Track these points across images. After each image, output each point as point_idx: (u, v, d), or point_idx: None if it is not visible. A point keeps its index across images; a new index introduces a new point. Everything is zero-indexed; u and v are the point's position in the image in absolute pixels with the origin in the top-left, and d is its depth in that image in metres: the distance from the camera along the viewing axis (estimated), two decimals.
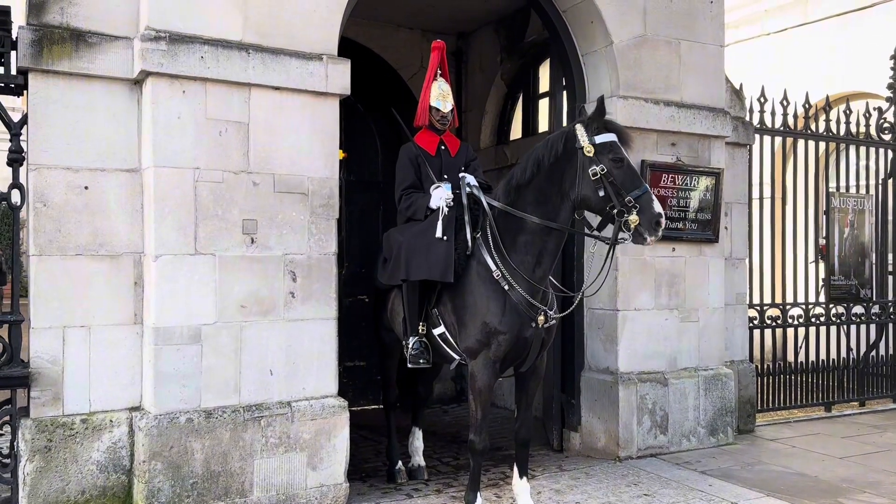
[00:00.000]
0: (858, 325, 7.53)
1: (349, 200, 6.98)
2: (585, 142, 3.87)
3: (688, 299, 5.71)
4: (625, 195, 3.78)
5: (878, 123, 7.66)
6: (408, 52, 7.38)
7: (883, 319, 7.68)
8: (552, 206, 4.02)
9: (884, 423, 6.82)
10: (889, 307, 7.73)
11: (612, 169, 3.82)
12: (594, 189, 3.84)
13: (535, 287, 4.07)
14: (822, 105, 7.39)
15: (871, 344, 7.63)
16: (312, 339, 4.35)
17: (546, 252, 4.07)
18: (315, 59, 4.32)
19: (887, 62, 7.81)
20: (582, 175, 3.88)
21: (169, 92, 4.01)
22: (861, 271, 7.48)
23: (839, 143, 7.46)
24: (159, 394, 3.99)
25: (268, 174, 4.24)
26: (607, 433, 5.46)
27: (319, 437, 4.30)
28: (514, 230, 4.10)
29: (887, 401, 7.66)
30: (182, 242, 4.03)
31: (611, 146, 3.86)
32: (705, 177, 5.76)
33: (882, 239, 7.66)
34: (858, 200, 7.53)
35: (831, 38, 10.19)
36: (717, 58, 5.88)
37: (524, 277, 4.05)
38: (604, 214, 3.91)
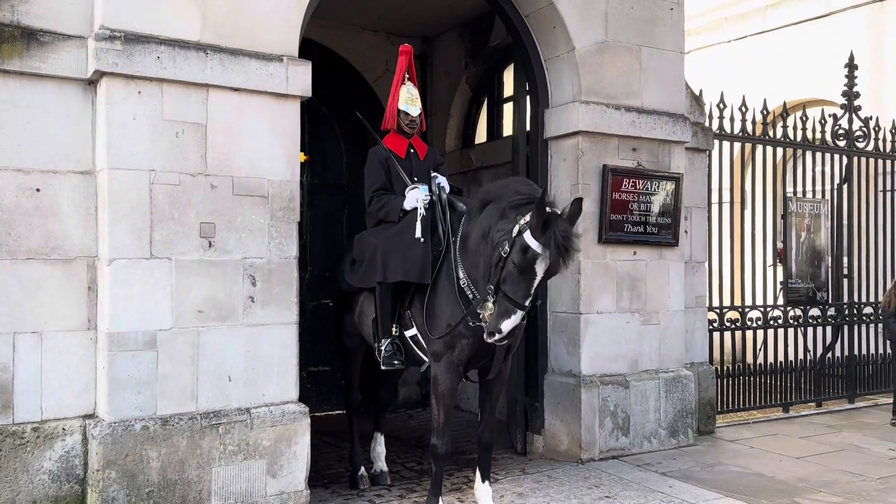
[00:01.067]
0: (815, 327, 7.66)
1: (313, 203, 6.91)
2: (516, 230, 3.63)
3: (649, 302, 5.75)
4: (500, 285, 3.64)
5: (834, 130, 7.82)
6: (373, 55, 7.34)
7: (839, 322, 7.82)
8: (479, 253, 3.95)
9: (839, 423, 6.94)
10: (844, 310, 7.87)
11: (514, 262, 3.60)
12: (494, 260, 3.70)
13: None
14: (779, 111, 7.50)
15: (828, 346, 7.77)
16: (273, 344, 4.28)
17: None
18: (275, 60, 4.25)
19: (842, 70, 7.97)
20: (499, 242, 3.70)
21: (124, 92, 3.92)
22: (817, 274, 7.60)
23: (796, 149, 7.59)
24: (114, 401, 3.88)
25: (226, 177, 4.16)
26: (570, 436, 5.46)
27: (279, 443, 4.23)
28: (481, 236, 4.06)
29: (843, 401, 7.80)
30: (137, 246, 3.93)
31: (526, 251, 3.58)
32: (666, 181, 5.80)
33: (837, 243, 7.80)
34: (815, 205, 7.66)
35: (789, 46, 10.39)
36: (678, 64, 5.93)
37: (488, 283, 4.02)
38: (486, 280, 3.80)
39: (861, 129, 7.92)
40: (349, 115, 7.06)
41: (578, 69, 5.46)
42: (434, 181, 4.37)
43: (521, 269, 3.61)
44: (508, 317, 3.62)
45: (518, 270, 3.62)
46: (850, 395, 7.83)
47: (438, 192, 4.33)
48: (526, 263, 3.60)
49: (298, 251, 4.41)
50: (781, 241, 7.49)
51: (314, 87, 4.42)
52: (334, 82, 7.05)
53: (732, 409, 7.01)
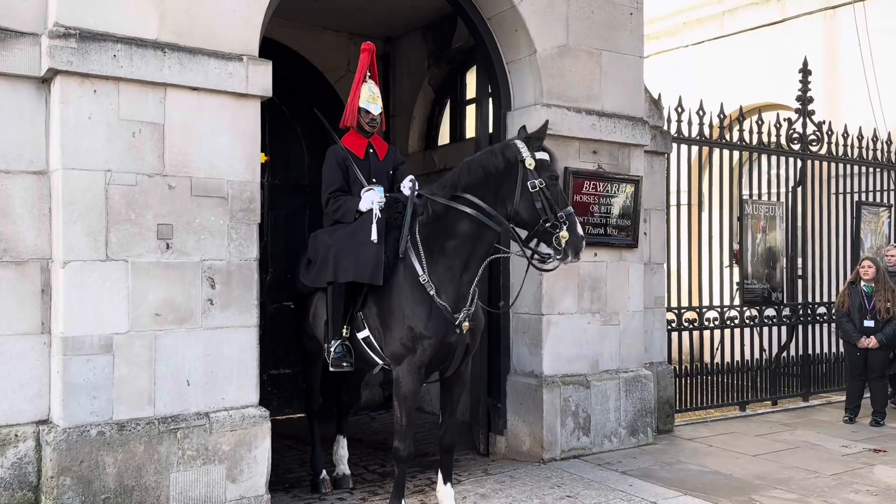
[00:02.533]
0: (771, 326, 7.83)
1: (274, 205, 6.86)
2: (527, 155, 3.99)
3: (609, 303, 5.83)
4: (558, 211, 3.93)
5: (788, 134, 8.02)
6: (334, 56, 7.32)
7: (793, 321, 8.01)
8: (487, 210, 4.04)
9: (794, 420, 7.12)
10: (799, 310, 8.07)
11: (549, 184, 3.97)
12: (531, 201, 3.96)
13: (460, 292, 4.08)
14: (736, 115, 7.66)
15: (783, 345, 7.96)
16: (232, 347, 4.24)
17: (474, 258, 4.10)
18: (235, 59, 4.22)
19: (797, 75, 8.19)
20: (521, 186, 3.98)
21: (79, 91, 3.85)
22: (773, 275, 7.78)
23: (752, 153, 7.77)
24: (68, 406, 3.81)
25: (185, 177, 4.11)
26: (532, 436, 5.51)
27: (239, 448, 4.19)
28: (444, 235, 4.10)
29: (797, 399, 8.00)
30: (92, 248, 3.87)
31: (549, 164, 4.06)
32: (626, 184, 5.89)
33: (792, 244, 8.00)
34: (770, 207, 7.84)
35: (746, 51, 10.63)
36: (637, 68, 6.03)
37: (450, 283, 4.06)
38: (534, 228, 4.01)
39: (815, 133, 8.13)
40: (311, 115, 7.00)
41: (540, 72, 5.52)
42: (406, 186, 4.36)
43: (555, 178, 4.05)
44: (577, 222, 4.00)
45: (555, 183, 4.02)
46: (805, 393, 8.04)
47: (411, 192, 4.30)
48: (555, 172, 4.08)
49: (259, 253, 4.39)
50: (738, 243, 7.63)
51: (275, 86, 4.40)
52: (296, 82, 7.01)
53: (691, 407, 7.13)
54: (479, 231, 4.06)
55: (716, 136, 7.42)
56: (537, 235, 4.02)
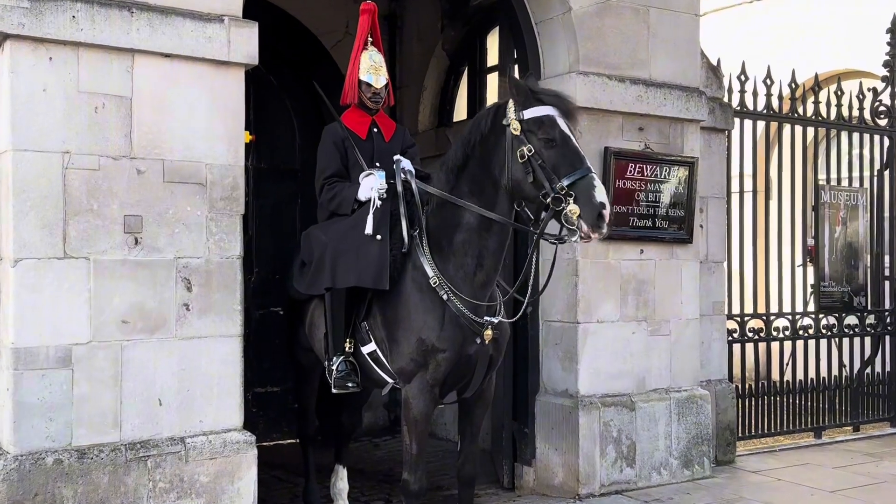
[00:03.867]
0: (852, 338, 7.76)
1: (259, 192, 6.89)
2: (512, 118, 3.84)
3: (658, 309, 5.81)
4: (556, 181, 3.69)
5: (874, 107, 7.94)
6: (331, 16, 7.32)
7: (879, 331, 7.95)
8: (487, 198, 3.99)
9: (880, 450, 7.07)
10: (886, 317, 8.01)
11: (541, 149, 3.75)
12: (524, 173, 3.80)
13: (476, 295, 4.07)
14: (810, 85, 7.60)
15: (866, 359, 7.89)
16: (212, 360, 4.27)
17: (487, 253, 4.05)
18: (214, 20, 4.24)
19: (883, 36, 8.10)
20: (511, 158, 3.84)
21: (32, 59, 3.89)
22: (854, 276, 7.72)
23: (829, 129, 7.71)
24: (20, 429, 3.85)
25: (156, 160, 4.14)
26: (566, 467, 5.51)
27: (220, 479, 4.22)
28: (450, 227, 4.09)
29: (884, 424, 7.93)
30: (48, 243, 3.91)
31: (541, 121, 3.78)
32: (678, 167, 5.86)
33: (878, 239, 7.94)
34: (851, 194, 7.77)
35: (822, 7, 10.52)
36: (692, 28, 6.00)
37: (464, 284, 4.05)
38: (537, 205, 3.86)
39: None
40: (302, 86, 7.05)
41: (576, 34, 5.50)
42: (398, 165, 4.35)
43: (551, 141, 3.74)
44: (594, 186, 3.65)
45: (552, 146, 3.73)
46: (893, 417, 7.97)
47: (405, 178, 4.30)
48: (550, 132, 3.75)
49: (243, 249, 4.41)
50: (812, 238, 7.56)
51: (261, 53, 4.41)
52: (285, 48, 7.03)
53: (756, 434, 7.08)
54: (484, 220, 4.00)
55: (786, 109, 7.36)
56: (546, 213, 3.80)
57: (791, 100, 7.33)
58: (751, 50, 9.20)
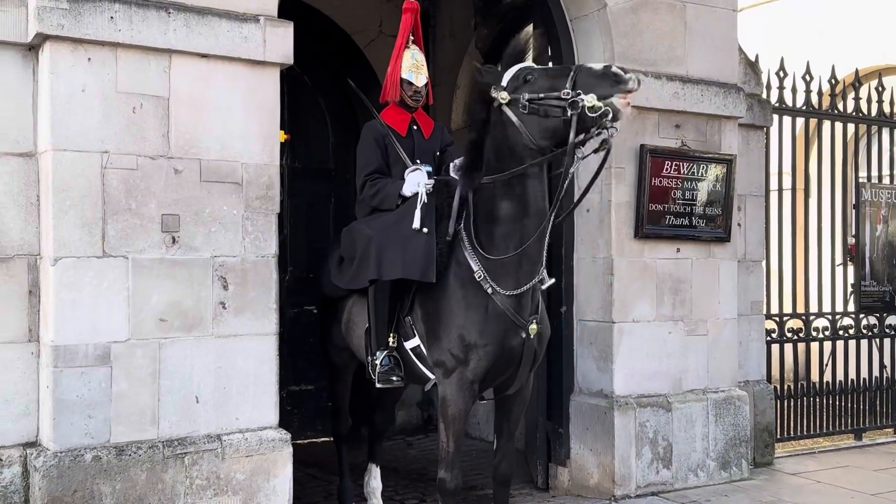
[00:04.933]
0: (893, 338, 7.65)
1: (293, 191, 6.92)
2: (495, 95, 3.87)
3: (695, 309, 5.76)
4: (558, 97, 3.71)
5: None
6: (364, 15, 7.35)
7: None
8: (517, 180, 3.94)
9: None
10: None
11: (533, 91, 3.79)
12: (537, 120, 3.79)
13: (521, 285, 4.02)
14: (850, 80, 7.49)
15: None
16: (248, 358, 4.30)
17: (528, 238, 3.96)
18: (250, 20, 4.27)
19: None
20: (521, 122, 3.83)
21: (71, 59, 3.94)
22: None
23: (870, 126, 7.60)
24: (60, 426, 3.90)
25: (193, 160, 4.18)
26: (601, 468, 5.48)
27: (256, 477, 4.25)
28: (490, 222, 4.07)
29: None
30: (87, 242, 3.95)
31: (516, 76, 3.87)
32: (715, 164, 5.82)
33: None
34: (893, 192, 7.65)
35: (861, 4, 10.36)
36: (730, 23, 5.94)
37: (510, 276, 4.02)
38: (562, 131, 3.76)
39: None
40: (336, 86, 7.07)
41: (611, 30, 5.47)
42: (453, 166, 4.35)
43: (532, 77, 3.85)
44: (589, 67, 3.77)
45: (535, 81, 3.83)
46: None
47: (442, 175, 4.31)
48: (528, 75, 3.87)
49: (278, 248, 4.43)
50: (853, 236, 7.49)
51: (295, 52, 4.43)
52: (318, 47, 7.06)
53: (795, 436, 7.01)
54: (521, 208, 3.96)
55: (826, 105, 7.28)
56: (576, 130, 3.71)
57: (831, 96, 7.24)
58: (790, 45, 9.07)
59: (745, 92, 6.16)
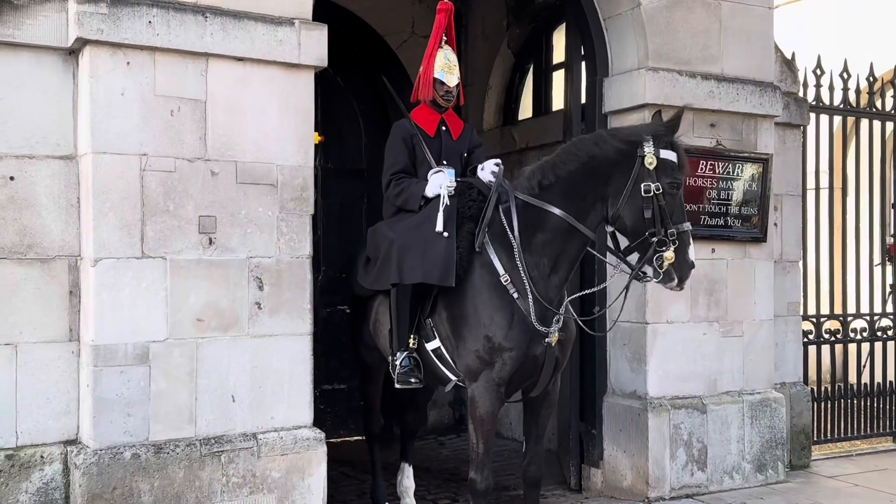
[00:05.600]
0: None
1: (327, 192, 6.98)
2: (650, 153, 3.92)
3: (730, 310, 5.72)
4: (670, 226, 3.89)
5: None
6: (396, 16, 7.38)
7: None
8: (583, 209, 4.05)
9: None
10: None
11: (666, 192, 3.91)
12: (639, 207, 3.91)
13: (548, 296, 4.07)
14: (889, 78, 7.41)
15: None
16: (282, 358, 4.35)
17: (565, 256, 4.09)
18: (285, 24, 4.31)
19: None
20: (632, 188, 3.93)
21: (110, 64, 4.01)
22: None
23: None
24: (99, 424, 3.98)
25: (229, 162, 4.23)
26: (635, 469, 5.47)
27: (291, 475, 4.30)
28: (532, 227, 4.11)
29: None
30: (126, 244, 4.02)
31: (674, 166, 3.97)
32: (751, 164, 5.77)
33: None
34: None
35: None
36: (766, 22, 5.90)
37: (538, 284, 4.06)
38: (637, 240, 3.97)
39: None
40: (369, 87, 7.12)
41: (645, 29, 5.45)
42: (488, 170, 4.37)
43: (677, 187, 3.96)
44: (690, 243, 3.96)
45: (675, 192, 3.95)
46: None
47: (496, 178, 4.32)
48: (679, 178, 3.98)
49: (312, 249, 4.48)
50: (892, 236, 7.42)
51: (329, 54, 4.47)
52: (351, 49, 7.11)
53: (832, 438, 6.96)
54: (572, 227, 4.06)
55: (864, 103, 7.20)
56: (638, 248, 3.98)
57: (869, 94, 7.17)
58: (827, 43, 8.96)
59: (782, 90, 6.10)
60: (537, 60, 7.39)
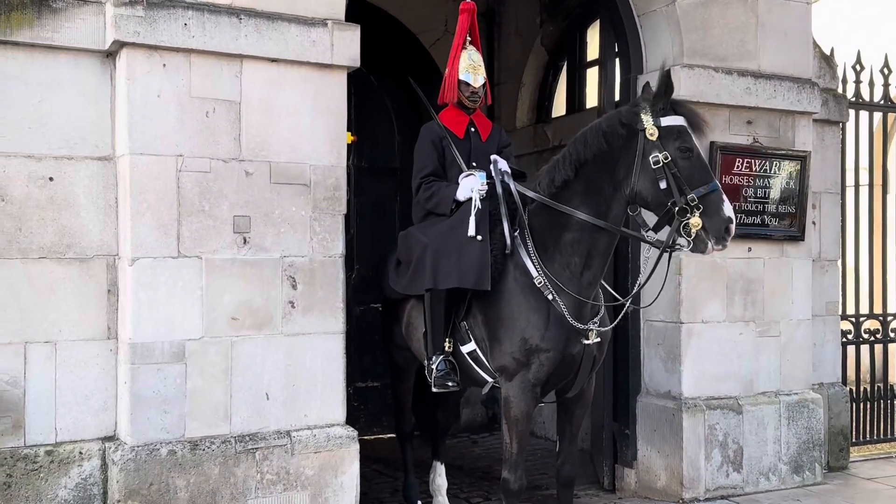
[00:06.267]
0: None
1: (360, 191, 7.01)
2: (649, 123, 3.85)
3: (767, 310, 5.67)
4: (688, 192, 3.74)
5: None
6: (429, 15, 7.39)
7: None
8: (603, 199, 4.00)
9: None
10: None
11: (677, 158, 3.79)
12: (653, 180, 3.82)
13: (582, 295, 4.06)
14: None
15: None
16: (316, 356, 4.38)
17: (596, 253, 4.06)
18: (318, 24, 4.34)
19: None
20: (641, 162, 3.86)
21: (147, 65, 4.06)
22: None
23: None
24: (136, 421, 4.04)
25: (263, 162, 4.27)
26: (669, 470, 5.43)
27: (324, 472, 4.33)
28: (558, 226, 4.10)
29: None
30: (163, 243, 4.08)
31: (679, 131, 3.84)
32: (788, 161, 5.71)
33: None
34: None
35: None
36: (804, 17, 5.83)
37: (570, 283, 4.05)
38: (661, 212, 3.86)
39: None
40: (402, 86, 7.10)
41: (680, 25, 5.41)
42: (495, 165, 4.38)
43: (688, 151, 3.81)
44: (723, 200, 3.75)
45: (688, 156, 3.81)
46: None
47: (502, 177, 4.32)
48: (688, 142, 3.83)
49: (345, 248, 4.50)
50: None
51: (361, 53, 4.49)
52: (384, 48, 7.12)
53: (871, 440, 6.88)
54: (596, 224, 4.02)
55: None
56: (668, 221, 3.84)
57: None
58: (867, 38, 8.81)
59: (820, 87, 6.02)
60: (571, 58, 7.36)
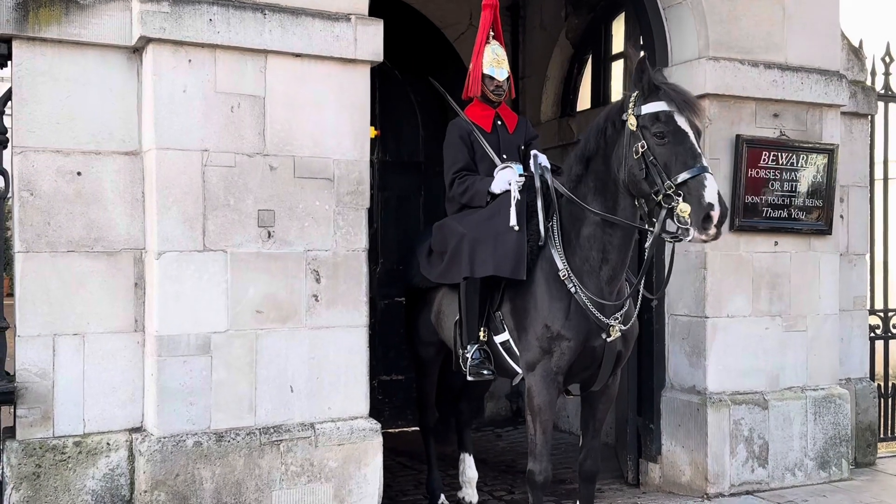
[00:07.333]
0: None
1: (384, 185, 7.03)
2: (629, 113, 3.80)
3: (793, 304, 5.62)
4: (665, 179, 3.63)
5: None
6: (454, 8, 7.39)
7: None
8: (610, 194, 3.98)
9: None
10: None
11: (653, 145, 3.68)
12: (638, 170, 3.74)
13: (601, 288, 4.05)
14: None
15: None
16: (339, 349, 4.41)
17: (611, 247, 4.03)
18: (342, 19, 4.36)
19: None
20: (628, 154, 3.80)
21: (173, 61, 4.10)
22: None
23: None
24: (163, 413, 4.09)
25: (287, 157, 4.30)
26: (693, 465, 5.40)
27: (348, 465, 4.36)
28: (578, 220, 4.11)
29: None
30: (189, 237, 4.12)
31: (656, 117, 3.72)
32: (816, 154, 5.65)
33: None
34: None
35: None
36: (832, 8, 5.77)
37: (590, 277, 4.04)
38: (650, 202, 3.76)
39: None
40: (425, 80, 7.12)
41: (705, 17, 5.37)
42: (535, 159, 4.36)
43: (662, 136, 3.67)
44: (704, 185, 3.55)
45: (663, 143, 3.66)
46: None
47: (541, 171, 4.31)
48: (663, 128, 3.67)
49: (368, 242, 4.52)
50: None
51: (385, 48, 4.50)
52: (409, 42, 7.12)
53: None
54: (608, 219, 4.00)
55: None
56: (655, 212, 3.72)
57: None
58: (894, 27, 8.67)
59: (848, 79, 5.97)
60: (596, 51, 7.31)
